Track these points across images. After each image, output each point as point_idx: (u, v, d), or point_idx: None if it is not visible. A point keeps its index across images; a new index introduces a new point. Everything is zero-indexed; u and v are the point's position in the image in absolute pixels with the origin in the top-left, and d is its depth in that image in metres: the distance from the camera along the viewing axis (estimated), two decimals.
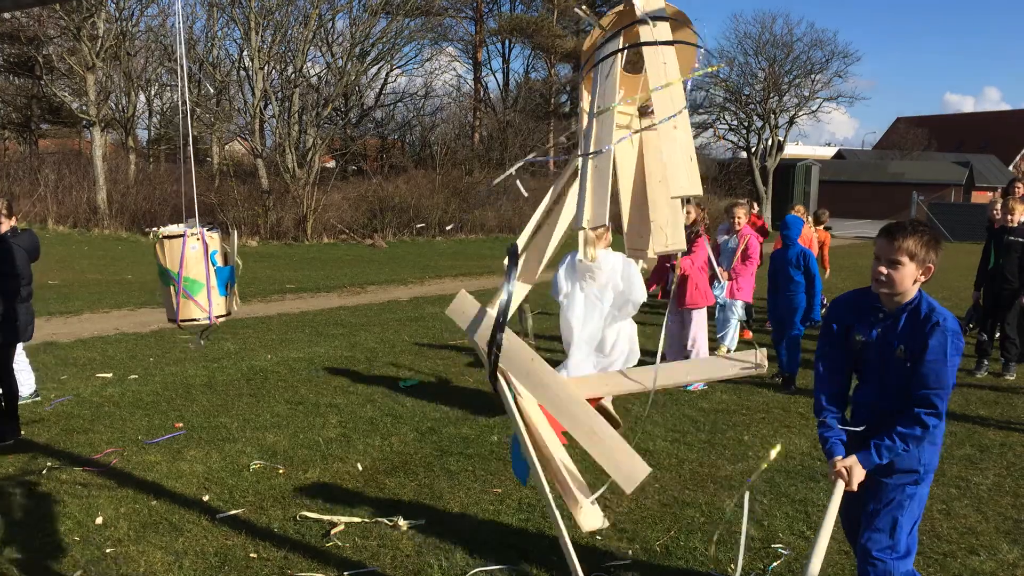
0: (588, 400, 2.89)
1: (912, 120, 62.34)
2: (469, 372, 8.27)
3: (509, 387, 2.90)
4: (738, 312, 8.67)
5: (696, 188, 2.68)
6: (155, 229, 3.90)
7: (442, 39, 36.61)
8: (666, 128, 2.72)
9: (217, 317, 3.89)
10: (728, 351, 8.64)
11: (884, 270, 3.14)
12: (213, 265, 3.82)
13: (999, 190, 9.94)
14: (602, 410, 4.84)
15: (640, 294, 5.52)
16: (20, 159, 29.68)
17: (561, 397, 2.82)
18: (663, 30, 2.86)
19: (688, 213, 6.64)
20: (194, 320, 3.88)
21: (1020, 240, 8.05)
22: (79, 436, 6.05)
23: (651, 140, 2.86)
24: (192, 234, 3.78)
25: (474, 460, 5.65)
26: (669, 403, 7.23)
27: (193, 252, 3.79)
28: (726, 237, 8.67)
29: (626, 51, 2.91)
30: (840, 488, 3.13)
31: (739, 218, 8.50)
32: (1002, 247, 8.12)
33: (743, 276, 8.47)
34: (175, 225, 3.94)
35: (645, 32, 2.85)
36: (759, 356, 2.83)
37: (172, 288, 3.81)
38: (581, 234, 4.68)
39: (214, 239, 3.87)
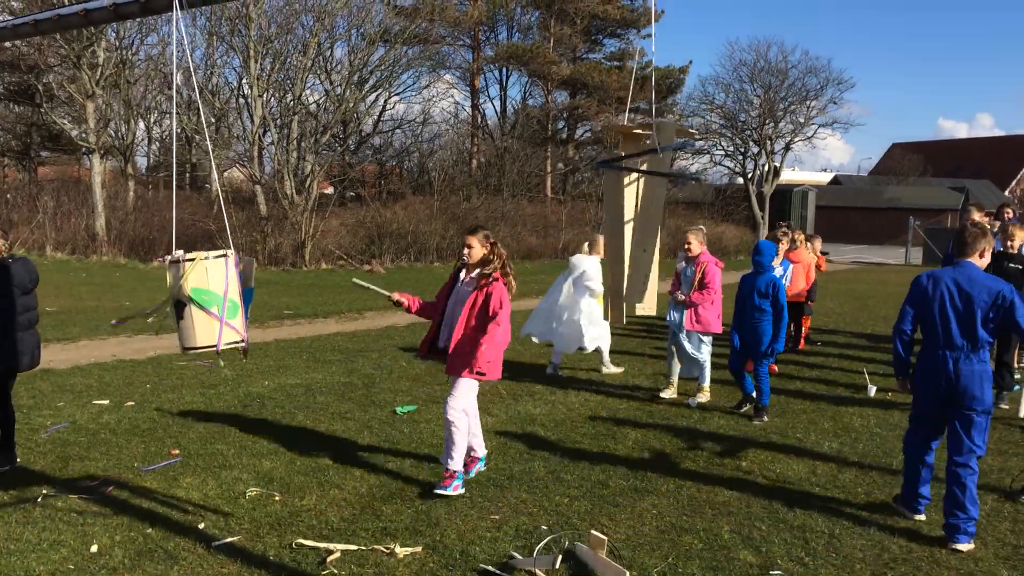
0: None
1: (907, 146, 62.70)
2: None
3: None
4: (707, 346, 8.18)
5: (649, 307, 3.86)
6: (181, 253, 3.82)
7: (440, 67, 36.89)
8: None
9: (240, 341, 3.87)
10: (707, 388, 8.26)
11: None
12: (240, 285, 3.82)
13: (991, 215, 9.94)
14: None
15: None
16: (19, 186, 29.78)
17: None
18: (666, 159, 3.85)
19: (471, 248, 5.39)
20: (235, 343, 3.85)
21: (1019, 267, 7.89)
22: (75, 463, 6.03)
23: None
24: (226, 255, 3.77)
25: (471, 487, 5.63)
26: (666, 428, 7.22)
27: (232, 274, 3.75)
28: (683, 265, 8.36)
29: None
30: None
31: (691, 245, 8.08)
32: (1000, 274, 7.96)
33: (703, 305, 8.01)
34: (182, 251, 3.87)
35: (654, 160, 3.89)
36: None
37: (217, 310, 3.74)
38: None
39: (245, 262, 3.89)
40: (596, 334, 9.24)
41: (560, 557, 4.43)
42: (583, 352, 9.52)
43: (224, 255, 3.76)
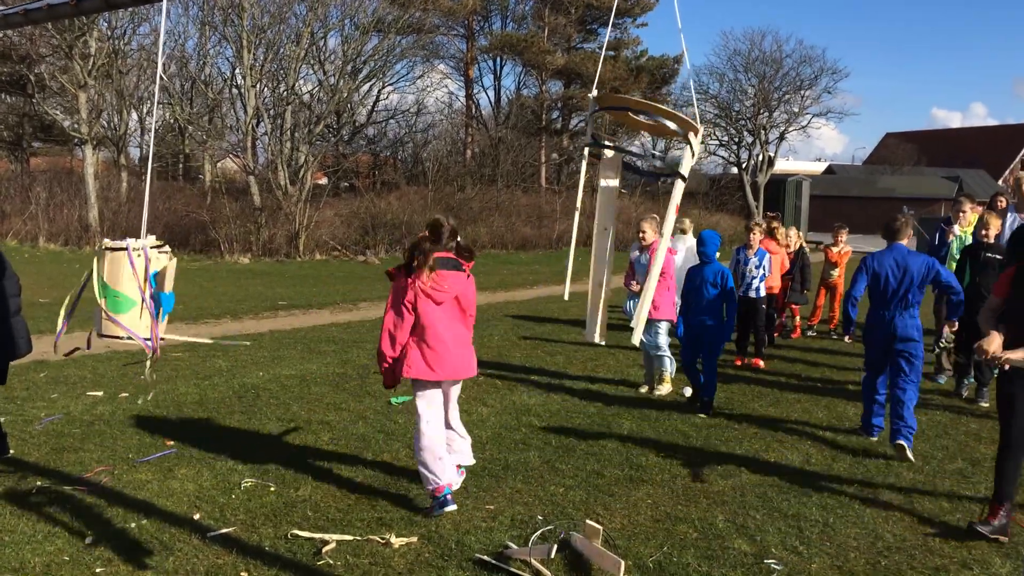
0: None
1: (901, 135, 62.79)
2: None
3: None
4: (663, 335, 8.10)
5: None
6: (105, 241, 3.72)
7: (433, 56, 36.83)
8: None
9: (145, 340, 3.67)
10: (668, 377, 8.21)
11: None
12: (151, 287, 3.61)
13: (984, 205, 9.90)
14: None
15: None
16: (11, 177, 29.66)
17: None
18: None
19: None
20: (117, 338, 3.68)
21: (998, 256, 7.71)
22: (69, 455, 6.02)
23: None
24: (134, 249, 3.60)
25: (466, 477, 5.63)
26: (661, 418, 7.23)
27: (127, 271, 3.59)
28: (637, 254, 8.11)
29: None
30: None
31: (645, 233, 7.98)
32: (979, 264, 7.77)
33: (658, 292, 7.85)
34: (124, 240, 3.72)
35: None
36: None
37: (105, 303, 3.60)
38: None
39: (160, 259, 3.67)
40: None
41: (555, 547, 4.44)
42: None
43: (124, 248, 3.60)
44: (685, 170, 4.07)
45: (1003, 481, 4.80)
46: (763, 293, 9.60)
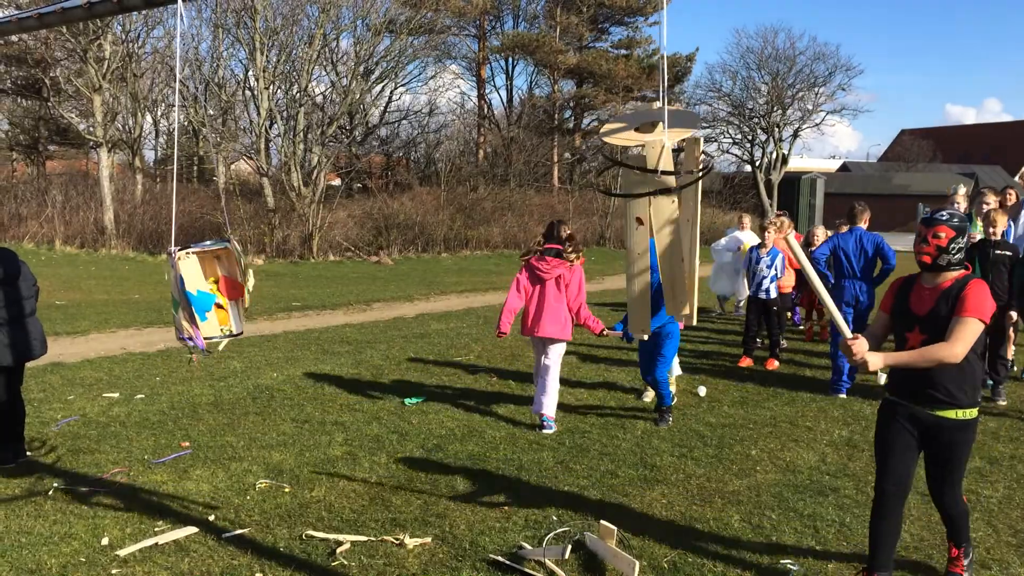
0: None
1: (916, 132, 62.34)
2: (475, 388, 8.26)
3: None
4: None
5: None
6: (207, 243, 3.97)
7: (446, 57, 36.80)
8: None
9: (181, 338, 3.84)
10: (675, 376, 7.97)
11: None
12: (181, 286, 3.76)
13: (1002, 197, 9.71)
14: None
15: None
16: (28, 180, 29.89)
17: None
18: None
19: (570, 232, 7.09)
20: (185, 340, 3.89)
21: (1007, 254, 7.61)
22: (85, 456, 6.05)
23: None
24: (168, 254, 3.80)
25: (480, 477, 5.63)
26: (677, 417, 7.20)
27: (170, 274, 3.80)
28: None
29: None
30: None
31: None
32: (988, 262, 7.58)
33: None
34: (208, 241, 3.97)
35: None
36: None
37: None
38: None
39: (186, 262, 3.80)
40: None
41: (570, 547, 4.43)
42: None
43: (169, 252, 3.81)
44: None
45: (877, 547, 4.07)
46: (774, 294, 9.51)
